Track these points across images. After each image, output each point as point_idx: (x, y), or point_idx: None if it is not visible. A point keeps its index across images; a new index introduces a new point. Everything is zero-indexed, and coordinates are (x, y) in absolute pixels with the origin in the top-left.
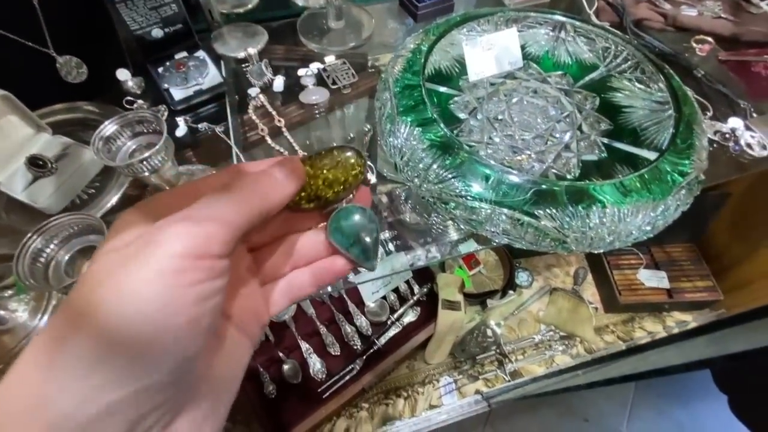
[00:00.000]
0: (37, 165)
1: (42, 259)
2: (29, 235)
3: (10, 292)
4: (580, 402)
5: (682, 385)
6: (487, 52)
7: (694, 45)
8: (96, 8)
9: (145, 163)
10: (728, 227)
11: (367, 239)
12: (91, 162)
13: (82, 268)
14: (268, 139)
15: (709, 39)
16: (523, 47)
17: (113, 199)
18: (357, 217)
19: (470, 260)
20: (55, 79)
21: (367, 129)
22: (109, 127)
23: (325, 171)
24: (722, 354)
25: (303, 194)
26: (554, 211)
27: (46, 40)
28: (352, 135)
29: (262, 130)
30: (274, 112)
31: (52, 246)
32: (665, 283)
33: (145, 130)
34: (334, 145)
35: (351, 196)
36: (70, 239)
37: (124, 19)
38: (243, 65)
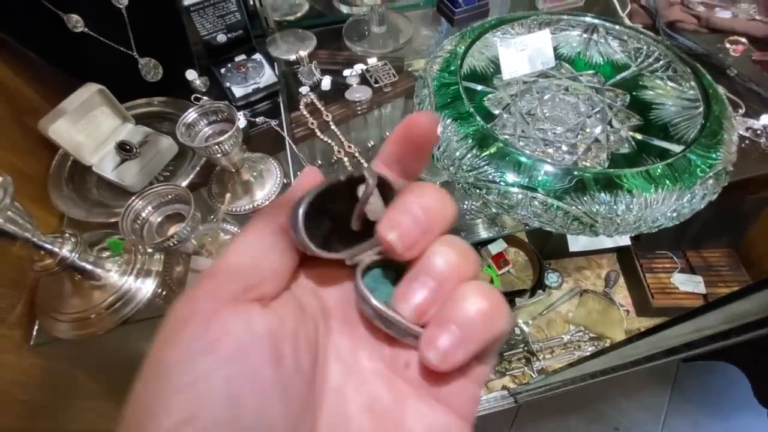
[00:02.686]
0: (125, 149)
1: (139, 221)
2: (133, 198)
3: (106, 253)
4: (612, 410)
5: (721, 397)
6: (521, 52)
7: (728, 45)
8: (171, 18)
9: (218, 146)
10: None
11: None
12: (168, 148)
13: (168, 231)
14: (318, 132)
15: (743, 39)
16: (555, 48)
17: (184, 183)
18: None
19: (499, 259)
20: (136, 78)
21: None
22: (191, 115)
23: None
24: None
25: None
26: (584, 197)
27: (132, 45)
28: (388, 133)
29: (312, 124)
30: (322, 109)
31: (148, 209)
32: (701, 288)
33: (218, 119)
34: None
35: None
36: (161, 206)
37: (196, 26)
38: (294, 66)
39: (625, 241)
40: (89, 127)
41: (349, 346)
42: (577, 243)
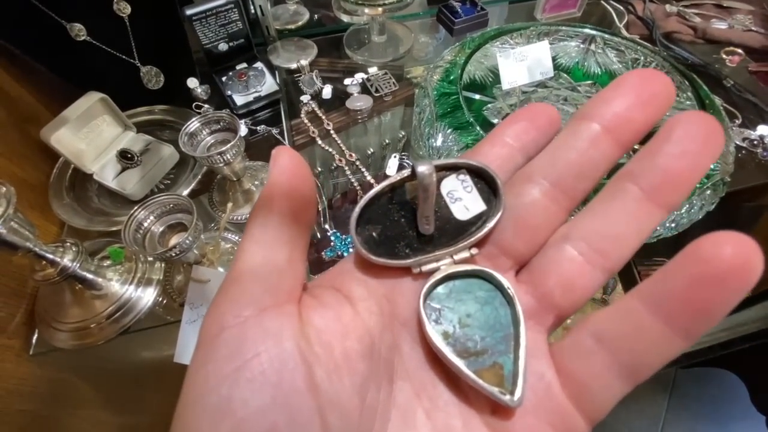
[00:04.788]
0: (126, 158)
1: (141, 230)
2: (135, 208)
3: (107, 262)
4: (609, 417)
5: (719, 405)
6: (520, 62)
7: (724, 56)
8: (173, 26)
9: (221, 155)
10: (765, 242)
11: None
12: (169, 157)
13: (170, 241)
14: (319, 140)
15: (739, 50)
16: (554, 58)
17: (185, 191)
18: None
19: None
20: (138, 86)
21: (401, 136)
22: (193, 124)
23: None
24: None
25: None
26: (580, 206)
27: (134, 53)
28: (387, 141)
29: (312, 132)
30: (323, 117)
31: (150, 219)
32: None
33: (221, 128)
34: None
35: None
36: (163, 215)
37: (198, 34)
38: (295, 75)
39: None
40: (91, 135)
41: (421, 363)
42: None
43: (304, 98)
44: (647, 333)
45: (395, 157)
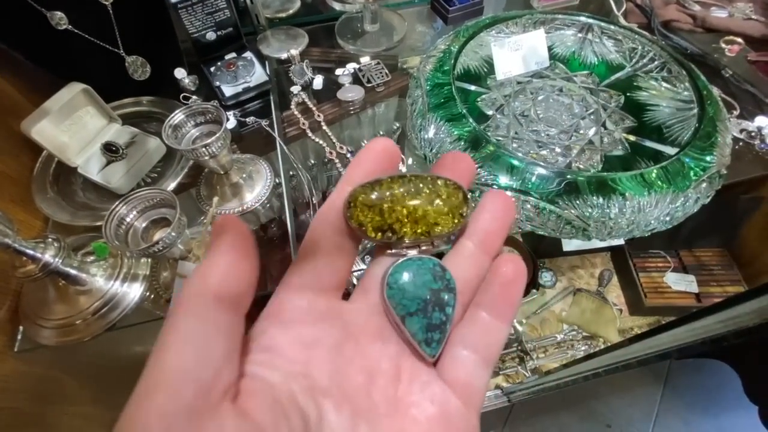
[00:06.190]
0: (110, 150)
1: (124, 226)
2: (116, 203)
3: (91, 258)
4: (604, 407)
5: (712, 394)
6: (515, 52)
7: (723, 45)
8: (159, 15)
9: (206, 148)
10: (761, 233)
11: (438, 314)
12: (155, 150)
13: (154, 236)
14: (309, 133)
15: (739, 39)
16: (550, 48)
17: (172, 184)
18: (431, 278)
19: None
20: (123, 77)
21: (396, 127)
22: (177, 116)
23: (413, 201)
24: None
25: (372, 218)
26: (577, 200)
27: (118, 43)
28: (381, 132)
29: (303, 124)
30: (314, 109)
31: (132, 214)
32: (694, 287)
33: (206, 120)
34: (437, 175)
35: (430, 246)
36: (146, 210)
37: (185, 23)
38: (286, 65)
39: (618, 240)
40: (74, 127)
41: (348, 425)
42: (571, 242)
43: (295, 89)
44: (491, 329)
45: None
